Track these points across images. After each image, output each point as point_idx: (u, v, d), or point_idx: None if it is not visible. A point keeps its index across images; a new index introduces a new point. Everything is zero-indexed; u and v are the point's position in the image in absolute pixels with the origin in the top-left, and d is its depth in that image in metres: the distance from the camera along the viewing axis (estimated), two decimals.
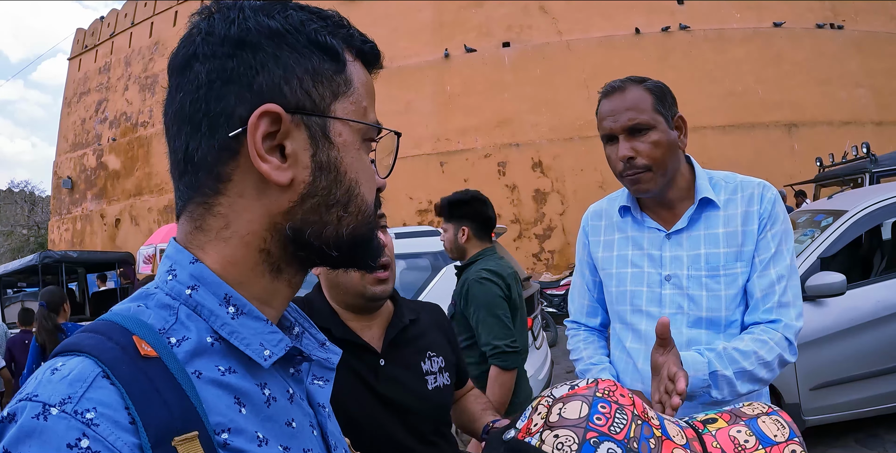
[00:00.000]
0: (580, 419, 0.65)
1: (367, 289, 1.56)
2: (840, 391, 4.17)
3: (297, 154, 0.67)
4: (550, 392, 0.71)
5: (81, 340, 0.61)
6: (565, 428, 0.65)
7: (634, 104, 1.64)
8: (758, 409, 0.76)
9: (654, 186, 1.67)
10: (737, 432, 0.71)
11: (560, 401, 0.68)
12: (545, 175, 14.62)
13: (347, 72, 0.70)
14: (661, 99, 1.67)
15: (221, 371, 0.64)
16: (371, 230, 0.74)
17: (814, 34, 14.93)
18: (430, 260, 4.72)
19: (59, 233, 25.23)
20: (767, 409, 0.76)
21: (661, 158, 1.64)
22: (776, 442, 0.70)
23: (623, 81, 1.70)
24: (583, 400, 0.68)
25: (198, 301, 0.66)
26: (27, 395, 0.55)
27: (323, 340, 0.82)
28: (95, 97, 24.42)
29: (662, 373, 1.38)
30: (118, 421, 0.54)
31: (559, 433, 0.65)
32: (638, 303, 1.74)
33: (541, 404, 0.70)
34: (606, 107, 1.69)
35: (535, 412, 0.69)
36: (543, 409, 0.68)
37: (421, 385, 1.61)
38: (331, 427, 0.79)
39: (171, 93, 0.69)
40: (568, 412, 0.67)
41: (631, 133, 1.64)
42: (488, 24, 15.56)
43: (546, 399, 0.70)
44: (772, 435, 0.71)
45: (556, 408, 0.68)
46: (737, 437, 0.70)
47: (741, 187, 1.73)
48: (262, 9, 0.67)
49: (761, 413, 0.74)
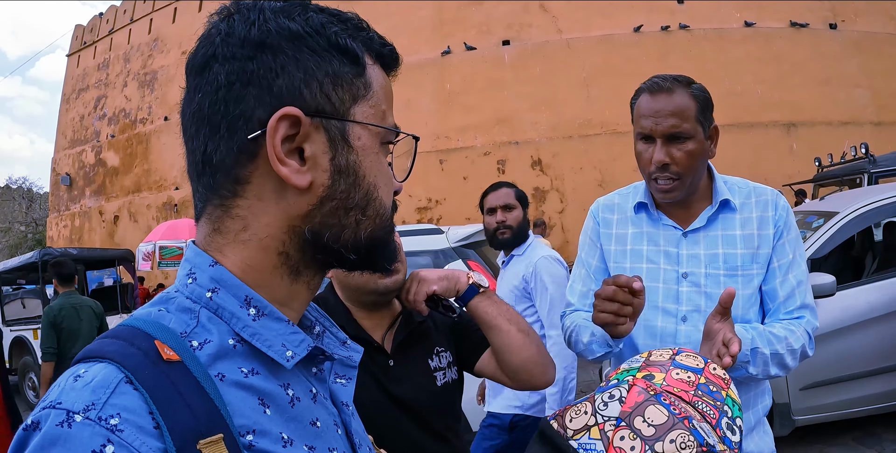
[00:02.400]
0: (669, 417, 0.69)
1: (379, 283, 1.57)
2: (830, 391, 4.19)
3: (316, 157, 0.66)
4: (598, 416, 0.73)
5: (103, 346, 0.60)
6: (670, 430, 0.68)
7: (679, 110, 1.62)
8: (666, 354, 0.86)
9: (680, 195, 1.69)
10: (676, 375, 0.80)
11: (635, 415, 0.70)
12: (544, 173, 14.62)
13: (367, 75, 0.70)
14: (703, 108, 1.65)
15: (244, 373, 0.64)
16: (388, 233, 0.75)
17: (813, 34, 14.92)
18: (431, 258, 4.70)
19: (57, 230, 25.20)
20: (673, 350, 0.87)
21: (692, 168, 1.65)
22: (702, 369, 0.81)
23: (671, 81, 1.66)
24: (651, 403, 0.72)
25: (218, 303, 0.66)
26: (51, 403, 0.55)
27: (344, 339, 0.81)
28: (94, 94, 24.37)
29: (717, 338, 1.40)
30: (142, 427, 0.54)
31: (672, 436, 0.68)
32: (654, 299, 1.73)
33: (605, 431, 0.71)
34: (650, 105, 1.65)
35: (613, 439, 0.70)
36: (623, 432, 0.70)
37: (430, 382, 1.63)
38: (355, 425, 0.79)
39: (190, 93, 0.69)
40: (655, 419, 0.70)
41: (669, 139, 1.63)
42: (488, 22, 15.55)
43: (608, 424, 0.72)
44: (695, 365, 0.82)
45: (638, 423, 0.70)
46: (681, 377, 0.79)
47: (755, 193, 1.76)
48: (282, 10, 0.67)
49: (672, 355, 0.85)
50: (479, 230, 5.29)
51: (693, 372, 0.82)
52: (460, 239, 4.92)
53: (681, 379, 0.80)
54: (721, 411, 0.78)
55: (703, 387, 0.80)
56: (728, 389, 0.82)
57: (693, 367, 0.83)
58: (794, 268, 1.70)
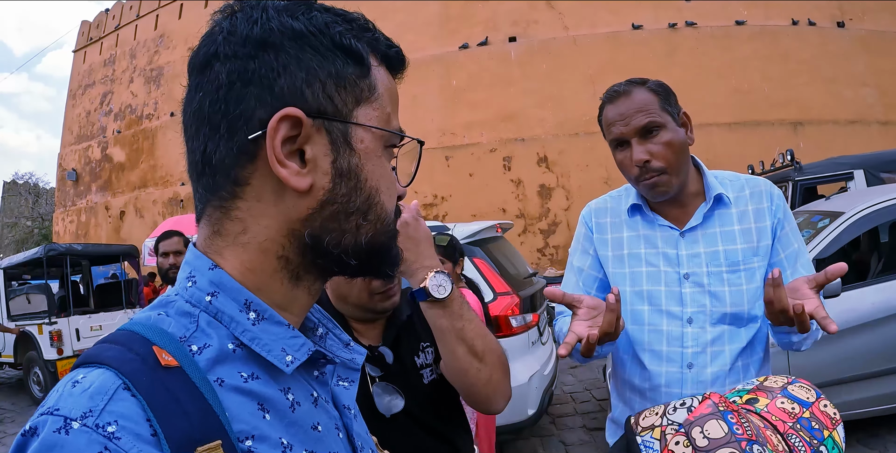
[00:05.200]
0: (727, 434, 0.69)
1: (378, 305, 1.53)
2: (833, 392, 4.14)
3: (316, 160, 0.65)
4: (665, 418, 0.74)
5: (101, 352, 0.60)
6: (722, 447, 0.68)
7: (642, 106, 1.64)
8: (780, 382, 0.86)
9: (671, 189, 1.67)
10: (781, 403, 0.80)
11: (695, 425, 0.71)
12: (550, 170, 14.61)
13: (371, 77, 0.69)
14: (665, 98, 1.67)
15: (244, 377, 0.63)
16: (390, 239, 0.73)
17: (820, 32, 14.85)
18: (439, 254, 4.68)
19: (63, 225, 25.27)
20: (788, 380, 0.87)
21: (674, 159, 1.65)
22: (811, 403, 0.81)
23: (626, 85, 1.69)
24: (715, 418, 0.72)
25: (218, 307, 0.65)
26: (48, 409, 0.55)
27: (347, 341, 0.80)
28: (100, 89, 24.41)
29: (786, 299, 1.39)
30: (140, 434, 0.54)
31: (722, 452, 0.68)
32: (658, 302, 1.72)
33: (666, 433, 0.72)
34: (614, 112, 1.68)
35: (669, 442, 0.71)
36: (680, 438, 0.70)
37: (417, 380, 1.58)
38: (356, 428, 0.78)
39: (191, 92, 0.68)
40: (712, 433, 0.70)
41: (643, 135, 1.64)
42: (495, 19, 15.53)
43: (670, 427, 0.73)
44: (805, 397, 0.82)
45: (696, 433, 0.70)
46: (784, 407, 0.79)
47: (748, 185, 1.75)
48: (286, 9, 0.66)
49: (785, 384, 0.85)
50: (485, 227, 5.28)
51: (799, 405, 0.81)
52: (466, 236, 4.89)
53: (784, 409, 0.80)
54: (815, 450, 0.77)
55: (803, 422, 0.79)
56: (833, 430, 0.81)
57: (802, 400, 0.82)
58: (800, 257, 1.71)
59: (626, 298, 1.77)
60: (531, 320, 4.72)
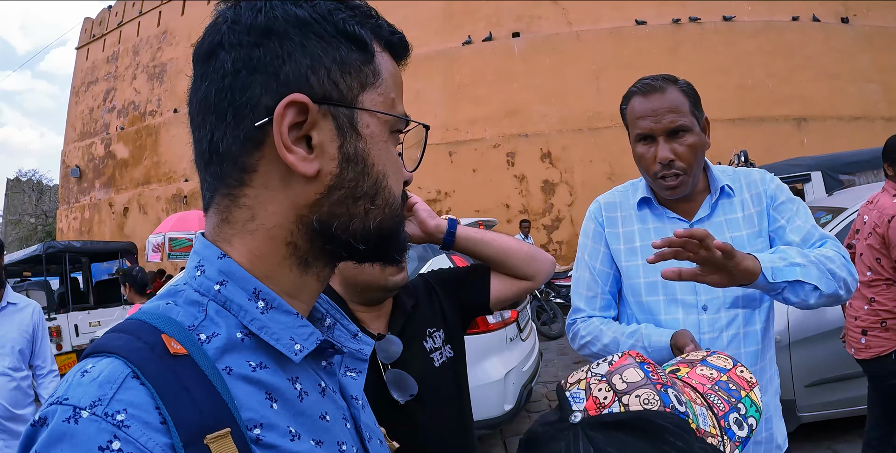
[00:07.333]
0: (643, 379, 0.75)
1: (389, 280, 1.55)
2: (835, 388, 4.15)
3: (323, 145, 0.65)
4: (589, 372, 0.81)
5: (110, 341, 0.60)
6: (639, 388, 0.74)
7: (675, 106, 1.67)
8: (700, 355, 0.95)
9: (687, 189, 1.72)
10: (700, 371, 0.88)
11: (615, 374, 0.78)
12: (554, 166, 14.59)
13: (376, 62, 0.69)
14: (694, 102, 1.71)
15: (252, 366, 0.64)
16: (398, 223, 0.74)
17: (825, 28, 14.80)
18: (419, 251, 4.67)
19: (67, 222, 25.33)
20: (707, 352, 0.95)
21: (695, 162, 1.69)
22: (728, 369, 0.89)
23: (661, 81, 1.71)
24: (633, 367, 0.78)
25: (227, 296, 0.65)
26: (58, 399, 0.55)
27: (355, 331, 0.81)
28: (103, 86, 24.44)
29: None
30: (149, 422, 0.54)
31: (638, 393, 0.74)
32: (672, 292, 1.74)
33: (590, 383, 0.78)
34: (646, 106, 1.70)
35: (593, 390, 0.77)
36: (602, 385, 0.77)
37: (428, 364, 1.62)
38: (364, 418, 0.78)
39: (196, 81, 0.68)
40: (629, 378, 0.76)
41: (670, 135, 1.67)
42: (498, 15, 15.50)
43: (593, 378, 0.79)
44: (722, 365, 0.90)
45: (615, 380, 0.77)
46: (703, 373, 0.88)
47: (742, 175, 1.82)
48: None
49: (704, 356, 0.94)
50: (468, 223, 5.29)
51: (717, 371, 0.89)
52: None
53: (703, 374, 0.88)
54: (733, 407, 0.83)
55: (721, 384, 0.86)
56: (750, 391, 0.87)
57: (719, 367, 0.90)
58: (799, 216, 1.73)
59: (640, 290, 1.80)
60: (509, 317, 4.76)
